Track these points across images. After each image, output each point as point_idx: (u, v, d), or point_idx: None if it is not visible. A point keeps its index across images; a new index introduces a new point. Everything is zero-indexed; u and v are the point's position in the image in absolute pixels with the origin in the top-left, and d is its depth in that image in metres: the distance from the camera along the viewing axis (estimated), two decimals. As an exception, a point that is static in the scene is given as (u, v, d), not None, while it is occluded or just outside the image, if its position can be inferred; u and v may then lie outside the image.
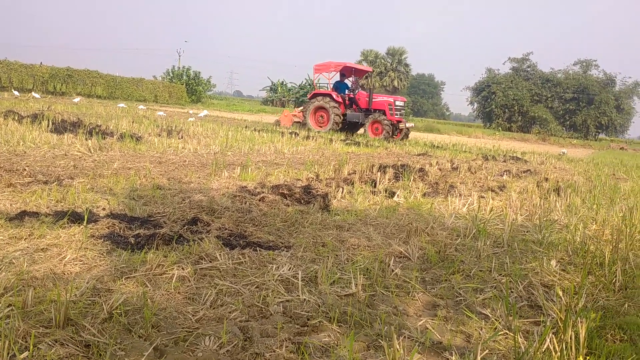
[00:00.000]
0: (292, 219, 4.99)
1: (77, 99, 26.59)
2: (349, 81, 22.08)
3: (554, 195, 7.90)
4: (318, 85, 22.51)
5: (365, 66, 25.31)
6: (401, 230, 4.96)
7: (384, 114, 20.22)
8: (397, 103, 20.92)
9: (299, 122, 22.09)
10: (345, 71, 21.89)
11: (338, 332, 2.72)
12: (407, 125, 21.18)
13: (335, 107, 20.60)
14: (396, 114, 20.50)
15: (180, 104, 45.38)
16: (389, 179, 8.16)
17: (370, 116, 20.30)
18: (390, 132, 19.89)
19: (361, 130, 21.40)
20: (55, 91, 34.56)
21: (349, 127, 21.49)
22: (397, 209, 6.03)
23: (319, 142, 14.75)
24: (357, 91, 21.46)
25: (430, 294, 3.44)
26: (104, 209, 4.76)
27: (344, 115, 20.92)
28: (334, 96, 20.79)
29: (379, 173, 8.41)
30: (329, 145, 14.29)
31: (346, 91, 21.59)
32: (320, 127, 20.88)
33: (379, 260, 3.85)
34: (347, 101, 21.32)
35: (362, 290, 3.27)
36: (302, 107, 23.01)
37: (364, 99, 20.98)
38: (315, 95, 21.46)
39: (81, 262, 3.34)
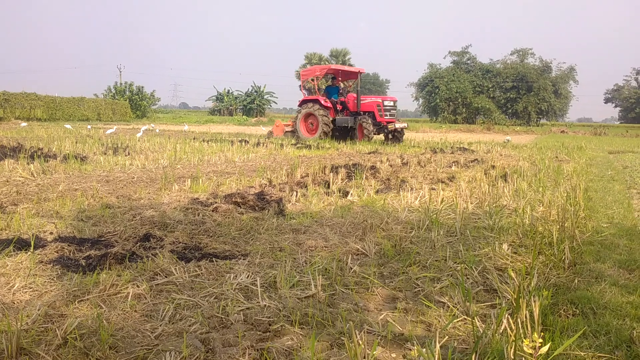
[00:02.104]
0: (247, 227, 4.97)
1: (24, 124, 25.75)
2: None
3: (502, 181, 8.12)
4: (306, 91, 21.25)
5: (352, 67, 22.54)
6: (357, 228, 5.00)
7: (373, 116, 19.04)
8: (386, 103, 19.54)
9: (290, 131, 20.90)
10: (335, 74, 20.81)
11: (300, 335, 2.72)
12: (397, 125, 19.39)
13: (323, 113, 19.29)
14: (386, 115, 19.22)
15: (125, 120, 44.44)
16: (342, 178, 8.22)
17: (357, 119, 19.21)
18: (371, 135, 18.67)
19: None
20: (-8, 117, 33.30)
21: (342, 132, 20.09)
22: (351, 207, 6.08)
23: (270, 148, 14.72)
24: (346, 94, 20.37)
25: (389, 288, 3.48)
26: (51, 233, 4.60)
27: (334, 120, 19.67)
28: (322, 101, 19.54)
29: (331, 174, 8.46)
30: (280, 150, 14.28)
31: (337, 95, 20.48)
32: (311, 134, 19.71)
33: (336, 259, 3.87)
34: (338, 105, 20.14)
35: (322, 291, 3.28)
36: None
37: (352, 101, 19.87)
38: (304, 102, 20.18)
39: (31, 289, 3.22)
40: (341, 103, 20.31)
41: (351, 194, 6.88)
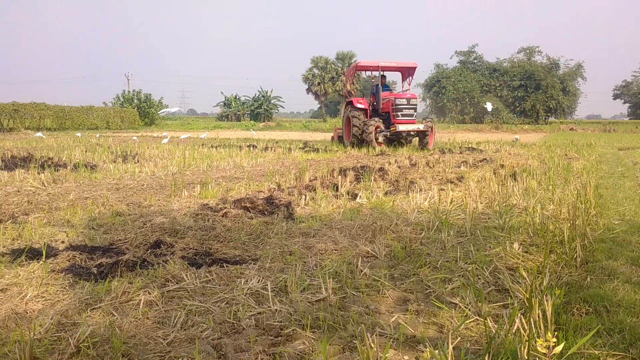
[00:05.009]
0: (257, 231, 4.97)
1: (38, 134, 25.92)
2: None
3: (511, 180, 8.09)
4: (349, 91, 19.72)
5: (383, 61, 17.90)
6: (366, 230, 4.99)
7: (389, 117, 17.04)
8: (397, 101, 16.78)
9: (340, 136, 19.35)
10: (363, 70, 19.18)
11: (312, 339, 2.72)
12: (402, 127, 16.43)
13: (355, 115, 17.11)
14: (398, 115, 16.69)
15: (134, 127, 44.68)
16: (350, 181, 8.21)
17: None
18: (369, 138, 16.38)
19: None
20: (3, 127, 33.53)
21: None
22: (360, 210, 6.07)
23: (277, 152, 14.75)
24: (379, 94, 17.81)
25: (400, 290, 3.47)
26: (62, 242, 4.63)
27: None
28: (356, 103, 17.67)
29: (339, 177, 8.46)
30: (289, 154, 14.30)
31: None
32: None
33: (347, 262, 3.87)
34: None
35: (332, 294, 3.27)
36: None
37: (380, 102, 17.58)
38: (346, 105, 18.53)
39: (43, 299, 3.24)
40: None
41: (360, 196, 6.88)
